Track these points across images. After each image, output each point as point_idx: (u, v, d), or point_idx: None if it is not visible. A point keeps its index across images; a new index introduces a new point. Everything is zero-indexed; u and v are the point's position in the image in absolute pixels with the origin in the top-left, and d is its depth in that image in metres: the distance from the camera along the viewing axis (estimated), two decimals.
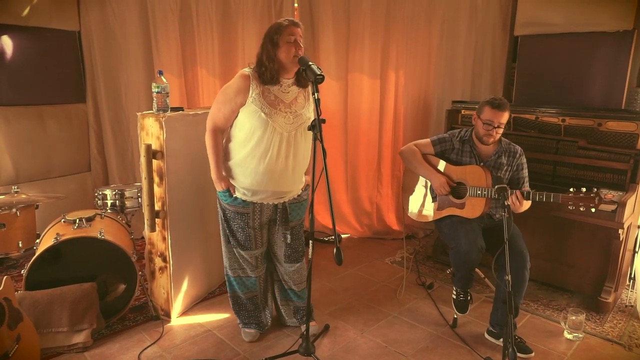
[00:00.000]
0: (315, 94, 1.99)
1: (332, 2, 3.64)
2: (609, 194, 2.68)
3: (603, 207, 2.65)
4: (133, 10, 3.59)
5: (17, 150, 3.38)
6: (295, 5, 3.67)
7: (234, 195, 2.26)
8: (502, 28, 3.68)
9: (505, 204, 2.14)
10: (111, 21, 3.63)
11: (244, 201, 2.26)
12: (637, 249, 2.99)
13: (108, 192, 3.03)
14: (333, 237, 4.02)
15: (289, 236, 2.41)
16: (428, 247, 3.69)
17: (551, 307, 2.90)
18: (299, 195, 2.37)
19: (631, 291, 2.96)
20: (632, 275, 3.00)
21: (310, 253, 2.13)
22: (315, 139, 2.01)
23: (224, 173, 2.27)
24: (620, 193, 2.72)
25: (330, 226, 4.09)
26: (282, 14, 3.65)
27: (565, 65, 3.40)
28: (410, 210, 2.82)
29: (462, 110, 3.50)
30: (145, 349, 2.39)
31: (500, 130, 2.47)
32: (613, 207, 2.61)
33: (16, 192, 2.74)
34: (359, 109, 3.90)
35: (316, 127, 1.99)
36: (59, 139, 3.61)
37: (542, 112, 3.11)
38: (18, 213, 2.66)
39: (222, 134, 2.27)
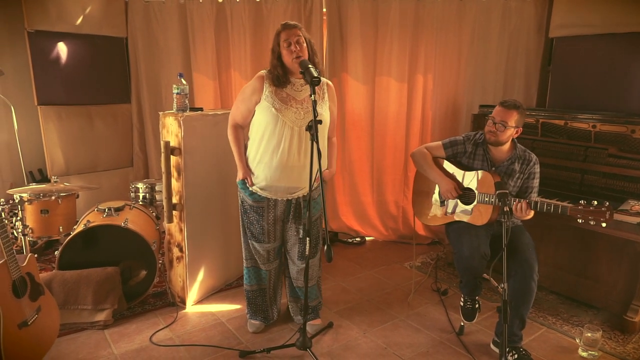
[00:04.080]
0: (313, 95, 2.05)
1: (360, 7, 3.69)
2: (636, 206, 2.53)
3: (627, 219, 2.50)
4: (174, 17, 3.85)
5: (67, 145, 3.74)
6: (324, 10, 3.75)
7: (250, 189, 2.38)
8: (537, 30, 3.55)
9: (505, 209, 2.08)
10: (154, 28, 3.91)
11: (260, 196, 2.38)
12: None
13: (140, 185, 3.28)
14: (358, 238, 4.10)
15: (301, 231, 2.48)
16: (450, 254, 3.62)
17: (571, 322, 2.75)
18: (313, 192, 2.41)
19: None
20: None
21: (307, 250, 2.21)
22: (312, 139, 2.06)
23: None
24: None
25: (355, 227, 4.15)
26: (312, 20, 3.75)
27: (603, 68, 3.21)
28: (420, 213, 2.79)
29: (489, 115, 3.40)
30: (157, 331, 2.58)
31: (504, 130, 2.36)
32: (638, 219, 2.44)
33: (56, 182, 3.05)
34: (386, 112, 3.90)
35: (312, 127, 2.04)
36: (105, 136, 3.94)
37: (572, 117, 2.96)
38: (60, 201, 2.96)
39: (243, 130, 2.43)
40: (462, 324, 2.62)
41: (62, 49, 3.63)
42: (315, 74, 2.06)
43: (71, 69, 3.69)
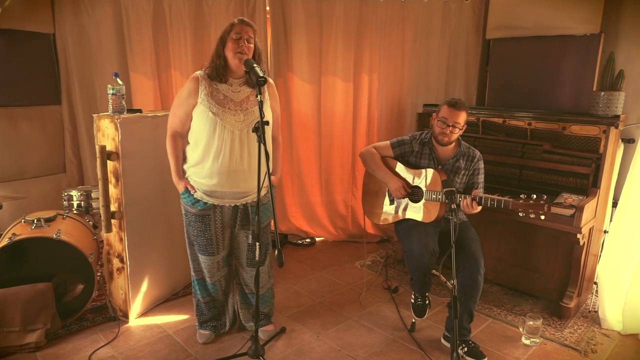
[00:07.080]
0: (259, 96, 1.99)
1: (304, 6, 3.65)
2: (569, 199, 2.68)
3: (562, 211, 2.64)
4: (107, 14, 3.61)
5: None
6: (267, 8, 3.67)
7: (194, 196, 2.26)
8: (475, 31, 3.68)
9: (452, 207, 2.12)
10: (86, 24, 3.65)
11: (205, 203, 2.27)
12: (600, 254, 2.95)
13: (74, 193, 3.04)
14: (308, 239, 4.07)
15: (250, 237, 2.40)
16: (399, 251, 3.67)
17: (514, 312, 2.88)
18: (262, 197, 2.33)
19: (596, 297, 2.92)
20: (596, 281, 2.97)
21: (257, 255, 2.13)
22: (259, 141, 1.99)
23: (185, 175, 2.29)
24: (582, 197, 2.70)
25: (304, 228, 4.11)
26: (255, 18, 3.66)
27: (536, 69, 3.39)
28: (370, 212, 2.80)
29: (434, 114, 3.48)
30: (98, 349, 2.40)
31: (456, 131, 2.45)
32: (571, 211, 2.59)
33: None
34: (333, 112, 3.90)
35: (259, 129, 1.98)
36: (32, 141, 3.62)
37: (509, 115, 3.10)
38: None
39: (182, 139, 2.30)
40: (413, 320, 2.66)
41: None
42: (261, 74, 2.00)
43: None
